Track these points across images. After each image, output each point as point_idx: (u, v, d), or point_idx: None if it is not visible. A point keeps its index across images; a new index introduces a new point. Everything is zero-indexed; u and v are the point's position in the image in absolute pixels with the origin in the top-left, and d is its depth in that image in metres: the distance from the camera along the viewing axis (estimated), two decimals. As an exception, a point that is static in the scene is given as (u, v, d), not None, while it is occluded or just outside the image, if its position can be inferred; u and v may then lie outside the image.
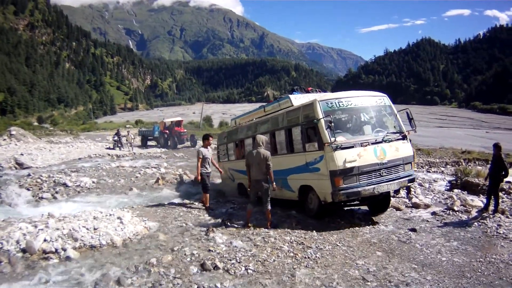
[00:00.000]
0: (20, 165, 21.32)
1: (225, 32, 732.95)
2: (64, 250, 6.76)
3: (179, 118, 44.55)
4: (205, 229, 8.42)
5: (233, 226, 8.91)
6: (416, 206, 10.79)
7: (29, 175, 16.69)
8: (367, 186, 8.50)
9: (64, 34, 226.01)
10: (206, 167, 11.25)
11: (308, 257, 6.62)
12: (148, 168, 19.65)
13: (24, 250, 6.68)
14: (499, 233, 8.06)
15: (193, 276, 5.81)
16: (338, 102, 9.00)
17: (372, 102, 9.57)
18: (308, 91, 11.82)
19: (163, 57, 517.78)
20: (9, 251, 6.60)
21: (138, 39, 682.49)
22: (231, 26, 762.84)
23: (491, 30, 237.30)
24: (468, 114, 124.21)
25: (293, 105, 10.35)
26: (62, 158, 26.63)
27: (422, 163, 20.90)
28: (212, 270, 5.99)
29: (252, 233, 8.17)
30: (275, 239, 7.62)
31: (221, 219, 9.76)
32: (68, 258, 6.54)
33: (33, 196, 13.24)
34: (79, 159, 26.12)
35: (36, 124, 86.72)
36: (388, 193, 9.51)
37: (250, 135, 12.28)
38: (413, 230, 8.47)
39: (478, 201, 10.96)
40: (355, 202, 9.56)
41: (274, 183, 8.94)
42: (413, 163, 9.61)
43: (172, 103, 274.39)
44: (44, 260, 6.45)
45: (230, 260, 6.36)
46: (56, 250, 6.74)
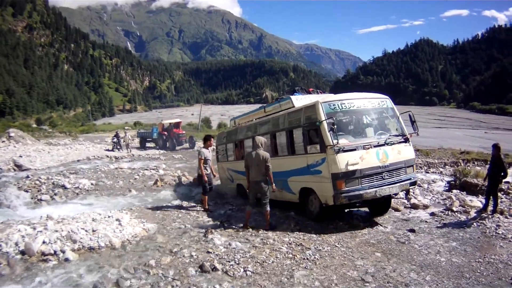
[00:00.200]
0: (19, 167, 21.33)
1: (223, 34, 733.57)
2: (63, 252, 6.76)
3: (177, 120, 44.52)
4: (203, 230, 8.44)
5: (231, 228, 8.93)
6: (415, 206, 10.78)
7: (27, 177, 16.67)
8: (369, 189, 8.42)
9: (62, 36, 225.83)
10: (206, 169, 11.25)
11: (307, 258, 6.62)
12: (146, 169, 19.62)
13: (23, 252, 6.69)
14: (498, 234, 8.06)
15: (192, 278, 5.81)
16: (341, 104, 8.90)
17: (374, 104, 9.46)
18: (309, 92, 11.74)
19: (162, 58, 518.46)
20: (8, 253, 6.60)
21: (136, 40, 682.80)
22: (229, 27, 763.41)
23: (489, 31, 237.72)
24: (467, 115, 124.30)
25: (294, 106, 10.27)
26: (60, 160, 26.63)
27: (420, 163, 20.87)
28: (211, 271, 5.99)
29: (251, 235, 8.18)
30: (274, 240, 7.64)
31: (220, 220, 9.78)
32: (67, 260, 6.55)
33: (31, 198, 13.22)
34: (78, 161, 26.06)
35: (34, 126, 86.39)
36: (389, 196, 9.48)
37: (250, 135, 12.16)
38: (412, 230, 8.46)
39: (477, 202, 10.94)
40: (356, 205, 9.52)
41: (273, 185, 8.95)
42: (414, 166, 9.57)
43: (170, 105, 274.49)
44: (43, 262, 6.45)
45: (229, 262, 6.37)
46: (55, 252, 6.74)
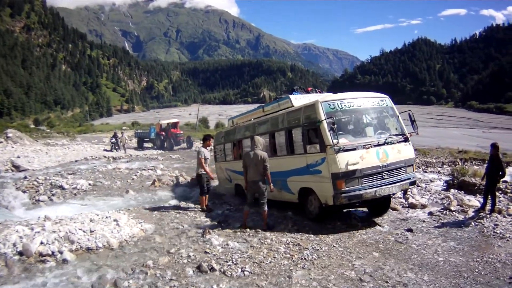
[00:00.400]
0: (17, 168, 21.30)
1: (221, 33, 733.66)
2: (61, 252, 6.75)
3: (175, 120, 44.58)
4: (201, 231, 8.43)
5: (229, 228, 8.92)
6: (412, 206, 10.77)
7: (25, 177, 16.66)
8: (369, 189, 8.37)
9: (60, 36, 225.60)
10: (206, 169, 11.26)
11: (305, 258, 6.62)
12: (144, 170, 19.61)
13: (21, 253, 6.66)
14: (496, 233, 8.06)
15: (190, 278, 5.81)
16: (341, 103, 8.85)
17: (374, 103, 9.42)
18: (308, 91, 11.70)
19: (159, 58, 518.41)
20: (5, 254, 6.58)
21: (134, 40, 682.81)
22: (226, 27, 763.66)
23: (487, 30, 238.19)
24: (465, 114, 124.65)
25: (293, 106, 10.22)
26: (58, 160, 26.62)
27: (418, 163, 20.88)
28: (209, 272, 5.99)
29: (248, 235, 8.17)
30: (271, 241, 7.63)
31: (218, 220, 9.77)
32: (64, 260, 6.53)
33: (29, 199, 13.20)
34: (76, 161, 26.04)
35: (32, 126, 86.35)
36: (389, 196, 9.44)
37: (249, 135, 12.12)
38: (410, 230, 8.46)
39: (475, 201, 10.92)
40: (355, 205, 9.48)
41: (271, 185, 8.95)
42: (414, 165, 9.54)
43: (168, 105, 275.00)
44: (40, 263, 6.43)
45: (227, 262, 6.37)
46: (53, 252, 6.73)
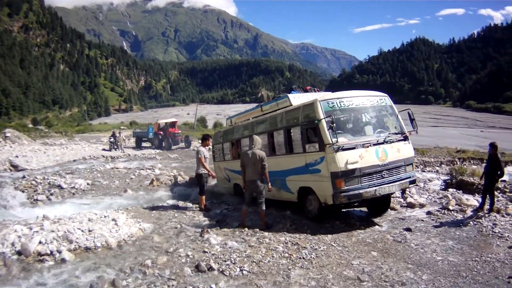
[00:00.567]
0: (15, 167, 21.27)
1: (219, 33, 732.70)
2: (59, 252, 6.75)
3: (173, 119, 44.64)
4: (199, 230, 8.43)
5: (227, 227, 8.92)
6: (411, 205, 10.76)
7: (24, 177, 16.61)
8: (368, 188, 8.34)
9: (58, 36, 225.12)
10: (205, 168, 11.26)
11: (303, 258, 6.62)
12: (142, 169, 19.58)
13: (19, 252, 6.66)
14: (495, 232, 8.06)
15: (188, 278, 5.81)
16: (339, 102, 8.82)
17: (373, 102, 9.40)
18: (306, 90, 11.65)
19: (157, 58, 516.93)
20: (4, 253, 6.58)
21: (132, 40, 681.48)
22: (225, 27, 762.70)
23: (485, 29, 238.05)
24: (463, 113, 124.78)
25: (291, 105, 10.17)
26: (56, 160, 26.60)
27: (417, 162, 20.90)
28: (207, 271, 5.99)
29: (247, 234, 8.17)
30: (270, 240, 7.63)
31: (216, 220, 9.77)
32: (63, 260, 6.53)
33: (28, 198, 13.16)
34: (74, 161, 26.04)
35: (30, 126, 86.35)
36: (389, 195, 9.45)
37: (247, 134, 12.06)
38: (408, 229, 8.47)
39: (473, 200, 10.93)
40: (355, 204, 9.45)
41: (269, 184, 8.95)
42: (414, 164, 9.53)
43: (166, 104, 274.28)
44: (39, 262, 6.43)
45: (225, 261, 6.36)
46: (51, 252, 6.72)
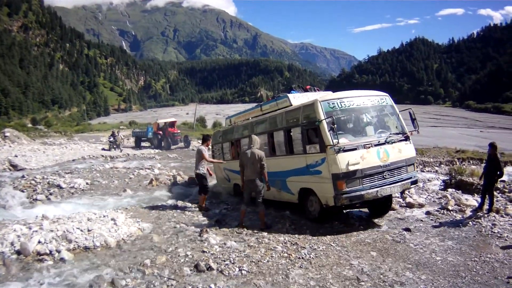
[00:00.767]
0: (14, 167, 21.26)
1: (218, 33, 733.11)
2: (58, 251, 6.76)
3: (172, 119, 44.63)
4: (199, 230, 8.42)
5: (227, 227, 8.92)
6: (410, 205, 10.77)
7: (23, 176, 16.59)
8: (370, 189, 8.27)
9: (57, 36, 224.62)
10: (204, 167, 11.26)
11: (302, 258, 6.62)
12: (141, 169, 19.56)
13: (18, 252, 6.67)
14: (494, 232, 8.07)
15: (187, 277, 5.81)
16: (340, 102, 8.74)
17: (374, 101, 9.31)
18: (306, 90, 11.55)
19: (157, 58, 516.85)
20: (3, 253, 6.58)
21: (131, 40, 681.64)
22: (224, 26, 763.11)
23: (485, 29, 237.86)
24: (462, 113, 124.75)
25: (291, 105, 10.09)
26: (56, 159, 26.57)
27: (416, 162, 20.90)
28: (206, 271, 5.99)
29: (246, 234, 8.18)
30: (269, 240, 7.64)
31: (215, 220, 9.77)
32: (62, 259, 6.54)
33: (27, 198, 13.14)
34: (73, 160, 26.02)
35: (30, 125, 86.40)
36: (390, 196, 9.42)
37: (247, 134, 11.89)
38: (407, 229, 8.47)
39: (473, 200, 10.94)
40: (356, 205, 9.40)
41: (268, 183, 8.96)
42: (415, 164, 9.49)
43: (165, 104, 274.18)
44: (38, 262, 6.44)
45: (224, 261, 6.37)
46: (51, 251, 6.73)
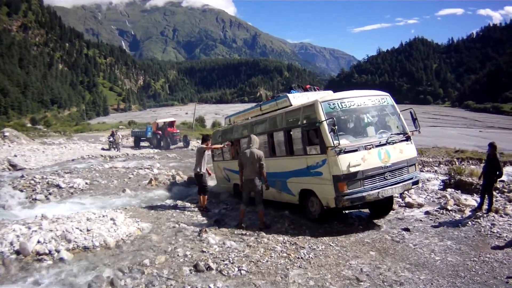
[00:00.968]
0: (14, 167, 21.25)
1: (218, 33, 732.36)
2: (58, 251, 6.76)
3: (172, 119, 44.61)
4: (198, 229, 8.43)
5: (226, 227, 8.92)
6: (409, 205, 10.74)
7: (22, 176, 16.61)
8: (371, 190, 8.21)
9: (57, 35, 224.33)
10: (204, 168, 11.27)
11: (301, 258, 6.63)
12: (141, 169, 19.57)
13: (17, 252, 6.67)
14: (493, 232, 8.06)
15: (186, 277, 5.82)
16: (341, 103, 8.65)
17: (375, 101, 9.20)
18: (306, 89, 11.40)
19: (156, 57, 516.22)
20: (2, 252, 6.58)
21: (131, 39, 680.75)
22: (223, 26, 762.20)
23: (484, 29, 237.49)
24: (462, 113, 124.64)
25: (291, 105, 10.03)
26: (55, 159, 26.56)
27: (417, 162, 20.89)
28: (205, 271, 6.00)
29: (245, 234, 8.19)
30: (268, 240, 7.64)
31: (214, 219, 9.77)
32: (61, 259, 6.54)
33: (26, 198, 13.16)
34: (72, 160, 26.02)
35: (29, 125, 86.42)
36: (391, 196, 9.36)
37: (246, 134, 11.79)
38: (407, 229, 8.46)
39: (472, 200, 10.92)
40: (357, 206, 9.33)
41: (266, 183, 8.97)
42: (417, 164, 9.43)
43: (165, 104, 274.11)
44: (37, 262, 6.44)
45: (223, 261, 6.37)
46: (50, 251, 6.73)
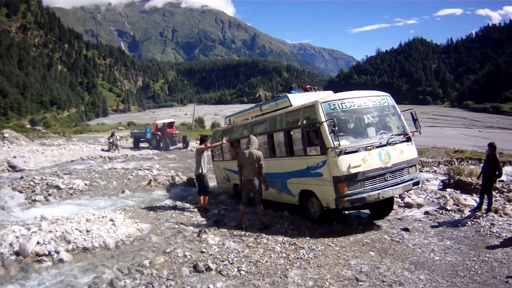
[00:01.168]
0: (13, 168, 21.22)
1: (217, 33, 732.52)
2: (57, 252, 6.76)
3: (171, 120, 44.54)
4: (197, 230, 8.45)
5: (225, 227, 8.93)
6: (408, 205, 10.75)
7: (22, 177, 16.60)
8: (372, 191, 8.16)
9: (56, 36, 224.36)
10: (205, 169, 11.28)
11: (301, 258, 6.64)
12: (140, 170, 19.55)
13: (17, 253, 6.68)
14: (492, 232, 8.07)
15: (186, 278, 5.82)
16: (341, 104, 8.60)
17: (375, 102, 9.14)
18: (306, 89, 11.37)
19: (155, 58, 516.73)
20: (2, 254, 6.59)
21: (130, 40, 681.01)
22: (222, 27, 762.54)
23: (483, 29, 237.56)
24: (461, 114, 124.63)
25: (291, 105, 10.00)
26: (54, 160, 26.50)
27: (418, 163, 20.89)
28: (205, 271, 6.01)
29: (244, 234, 8.20)
30: (267, 240, 7.65)
31: (214, 220, 9.78)
32: (61, 260, 6.55)
33: (26, 199, 13.15)
34: (72, 161, 25.99)
35: (28, 126, 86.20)
36: (392, 197, 9.31)
37: (246, 134, 11.70)
38: (406, 229, 8.47)
39: (471, 200, 10.92)
40: (357, 207, 9.29)
41: (265, 183, 8.98)
42: (417, 165, 9.40)
43: (164, 105, 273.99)
44: (37, 263, 6.45)
45: (223, 261, 6.38)
46: (49, 252, 6.74)
